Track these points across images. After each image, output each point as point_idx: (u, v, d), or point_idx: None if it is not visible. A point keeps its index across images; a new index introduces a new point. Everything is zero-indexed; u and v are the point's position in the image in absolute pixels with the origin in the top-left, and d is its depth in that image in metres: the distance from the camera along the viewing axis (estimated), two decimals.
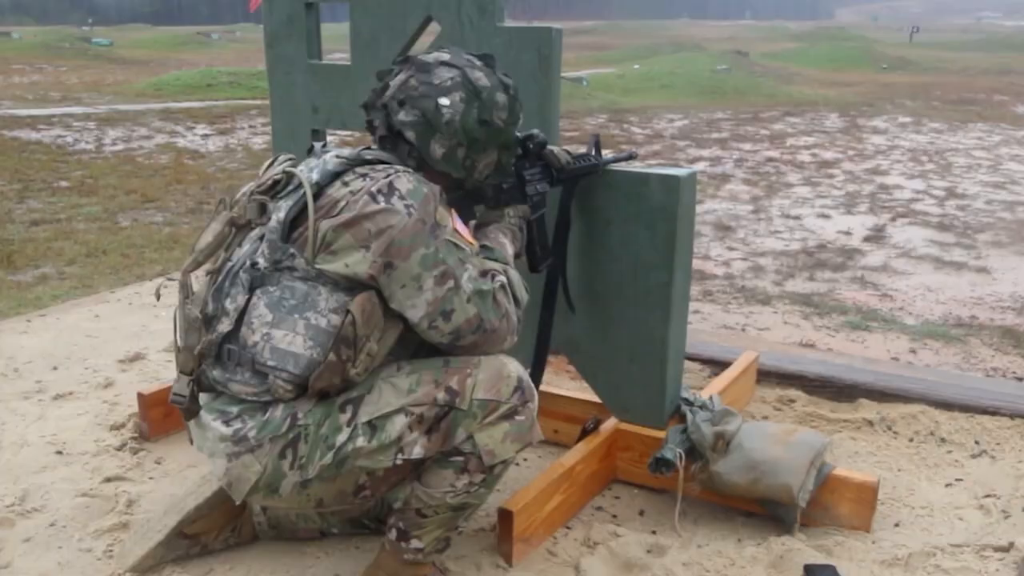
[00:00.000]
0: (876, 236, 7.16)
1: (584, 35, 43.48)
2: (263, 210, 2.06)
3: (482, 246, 2.20)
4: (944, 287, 5.79)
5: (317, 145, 2.20)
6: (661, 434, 2.65)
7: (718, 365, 3.42)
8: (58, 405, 3.36)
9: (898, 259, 6.48)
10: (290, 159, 2.14)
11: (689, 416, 2.63)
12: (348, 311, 1.94)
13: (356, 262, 1.95)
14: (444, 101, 2.07)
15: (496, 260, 2.16)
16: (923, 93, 20.25)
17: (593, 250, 2.68)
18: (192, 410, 2.10)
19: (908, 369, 3.57)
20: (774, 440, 2.53)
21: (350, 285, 1.98)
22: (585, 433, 2.75)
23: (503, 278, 2.08)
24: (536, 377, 2.71)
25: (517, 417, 2.06)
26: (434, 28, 2.84)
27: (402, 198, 1.96)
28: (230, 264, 2.08)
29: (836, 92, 20.24)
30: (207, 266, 2.13)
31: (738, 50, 27.88)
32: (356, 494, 2.05)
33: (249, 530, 2.47)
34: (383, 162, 2.06)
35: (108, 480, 2.81)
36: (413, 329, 2.03)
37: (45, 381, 3.57)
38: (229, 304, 2.04)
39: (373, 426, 1.98)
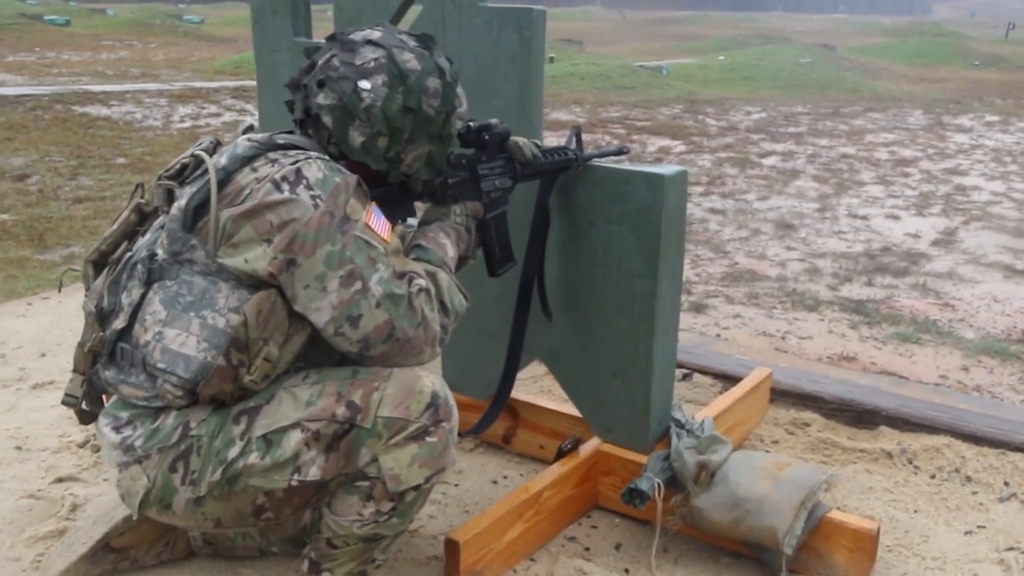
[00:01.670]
0: (946, 240, 6.72)
1: (674, 25, 42.73)
2: (170, 196, 1.86)
3: (416, 245, 1.97)
4: (1012, 297, 5.36)
5: (244, 124, 2.00)
6: (645, 459, 2.39)
7: (730, 380, 3.13)
8: (35, 395, 3.23)
9: (966, 265, 6.05)
10: (203, 142, 1.93)
11: (674, 441, 2.36)
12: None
13: (256, 257, 1.74)
14: (364, 84, 1.84)
15: (428, 262, 1.93)
16: (1014, 91, 19.29)
17: (574, 253, 2.42)
18: (88, 413, 1.94)
19: (938, 395, 3.22)
20: (763, 474, 2.25)
21: (253, 282, 1.77)
22: (562, 454, 2.50)
23: (423, 281, 1.84)
24: (506, 386, 2.48)
25: (428, 439, 1.81)
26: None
27: (309, 188, 1.75)
28: (129, 255, 1.89)
29: (923, 88, 19.42)
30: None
31: (825, 43, 27.01)
32: (256, 515, 1.84)
33: (183, 545, 2.28)
34: (297, 147, 1.84)
35: (59, 480, 2.66)
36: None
37: (29, 369, 3.45)
38: (125, 298, 1.86)
39: (268, 441, 1.78)
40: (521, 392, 3.02)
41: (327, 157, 1.84)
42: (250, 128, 1.97)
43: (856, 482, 2.69)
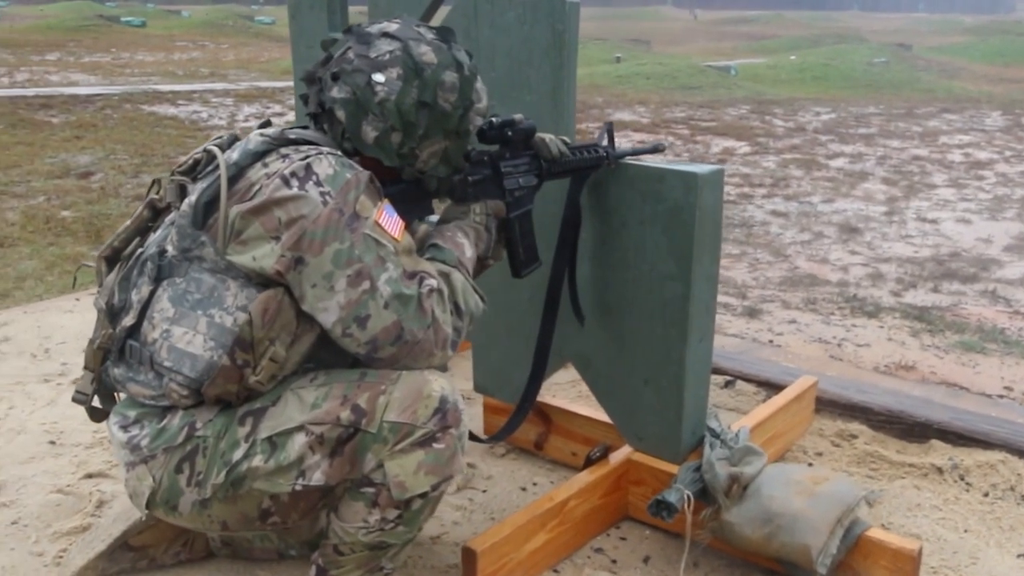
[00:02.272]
0: (1019, 245, 6.46)
1: (746, 24, 42.20)
2: (182, 192, 1.83)
3: (432, 245, 1.90)
4: None
5: (262, 120, 1.96)
6: (676, 469, 2.29)
7: (775, 388, 3.01)
8: (73, 390, 3.24)
9: None
10: (219, 137, 1.89)
11: (706, 452, 2.26)
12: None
13: (264, 255, 1.70)
14: (378, 77, 1.77)
15: (443, 262, 1.86)
16: None
17: (606, 254, 2.34)
18: (99, 411, 1.94)
19: (995, 407, 3.06)
20: (798, 489, 2.14)
21: (262, 280, 1.72)
22: (590, 462, 2.42)
23: (434, 282, 1.77)
24: (531, 392, 2.40)
25: (435, 445, 1.75)
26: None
27: (318, 184, 1.69)
28: (140, 251, 1.86)
29: (1003, 89, 18.85)
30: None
31: (901, 43, 26.40)
32: (263, 519, 1.79)
33: (202, 546, 2.25)
34: (309, 142, 1.79)
35: (89, 476, 2.66)
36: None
37: (70, 364, 3.46)
38: (134, 295, 1.83)
39: (273, 443, 1.73)
40: (559, 397, 2.95)
41: (339, 152, 1.79)
42: (267, 124, 1.93)
43: (903, 498, 2.56)
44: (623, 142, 10.27)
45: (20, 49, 20.42)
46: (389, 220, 1.75)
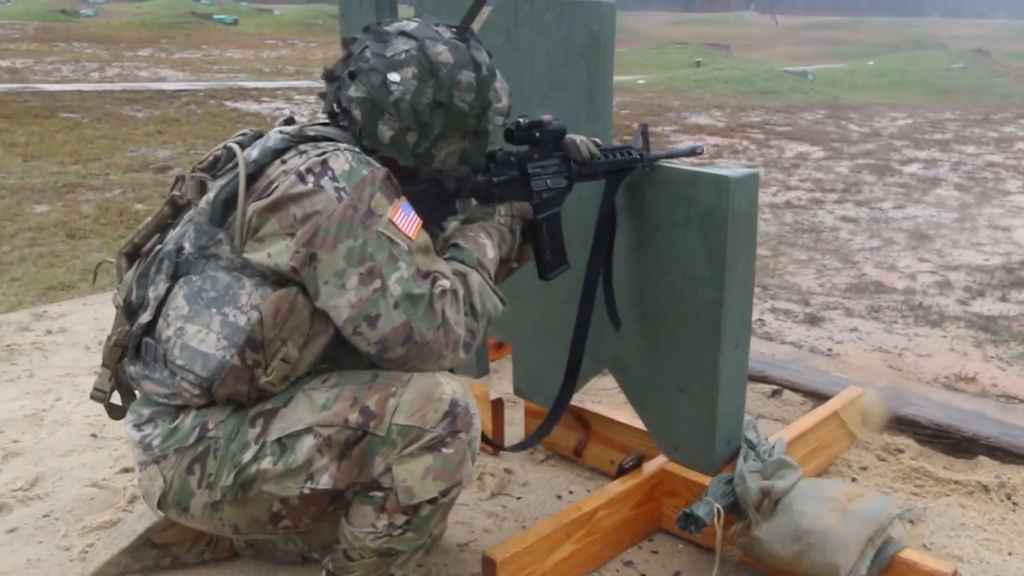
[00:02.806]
0: None
1: (826, 30, 41.53)
2: (203, 189, 1.82)
3: (453, 245, 1.87)
4: None
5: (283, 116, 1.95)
6: (709, 481, 2.23)
7: (822, 399, 2.92)
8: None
9: None
10: (242, 133, 1.88)
11: (739, 464, 2.19)
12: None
13: (279, 252, 1.68)
14: (393, 77, 1.74)
15: (462, 262, 1.82)
16: None
17: (640, 258, 2.28)
18: (119, 408, 1.93)
19: None
20: (831, 505, 2.05)
21: (278, 278, 1.71)
22: (623, 471, 2.36)
23: (448, 282, 1.73)
24: (565, 396, 2.36)
25: (444, 450, 1.70)
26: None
27: (334, 179, 1.67)
28: (159, 248, 1.86)
29: None
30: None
31: (979, 48, 25.71)
32: (274, 523, 1.77)
33: (226, 546, 2.25)
34: (329, 139, 1.77)
35: (125, 471, 2.68)
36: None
37: None
38: (151, 292, 1.82)
39: (282, 445, 1.70)
40: (603, 402, 2.89)
41: (357, 149, 1.76)
42: (291, 121, 1.92)
43: (947, 517, 2.46)
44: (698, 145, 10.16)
45: (114, 45, 20.84)
46: (405, 218, 1.72)
